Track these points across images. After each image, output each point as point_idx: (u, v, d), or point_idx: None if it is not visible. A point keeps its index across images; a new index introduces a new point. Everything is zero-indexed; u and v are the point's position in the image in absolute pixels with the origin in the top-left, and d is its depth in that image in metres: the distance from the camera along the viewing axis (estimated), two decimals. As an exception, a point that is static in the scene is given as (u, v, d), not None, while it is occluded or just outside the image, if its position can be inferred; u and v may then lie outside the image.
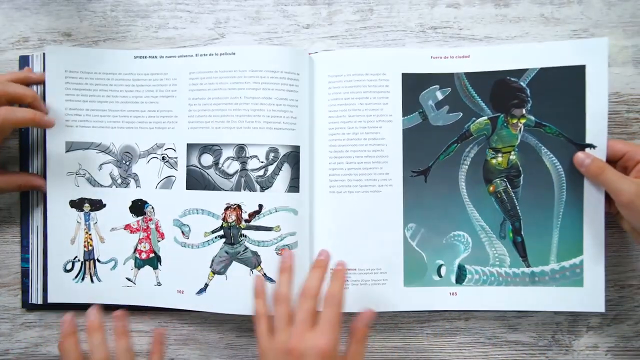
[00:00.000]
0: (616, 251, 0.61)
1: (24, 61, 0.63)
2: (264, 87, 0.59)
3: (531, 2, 0.62)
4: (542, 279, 0.59)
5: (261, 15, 0.63)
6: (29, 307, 0.63)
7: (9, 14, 0.64)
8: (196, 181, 0.60)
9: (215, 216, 0.60)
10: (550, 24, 0.61)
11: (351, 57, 0.60)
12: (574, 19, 0.61)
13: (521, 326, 0.62)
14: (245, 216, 0.59)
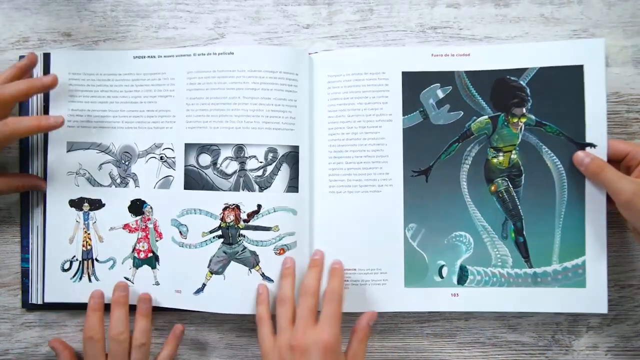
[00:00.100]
0: (616, 251, 0.60)
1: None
2: (263, 87, 0.58)
3: (531, 2, 0.61)
4: (545, 280, 0.58)
5: (261, 15, 0.62)
6: (29, 307, 0.62)
7: (9, 14, 0.63)
8: (194, 181, 0.59)
9: (213, 216, 0.59)
10: (550, 24, 0.61)
11: (351, 57, 0.59)
12: (574, 19, 0.61)
13: (521, 326, 0.61)
14: (243, 216, 0.59)
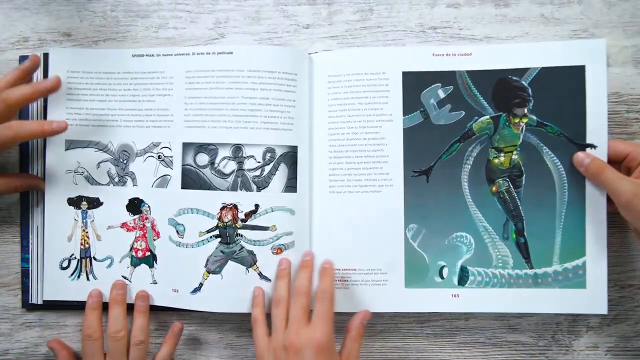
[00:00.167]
0: (616, 251, 0.59)
1: (24, 61, 0.61)
2: (262, 87, 0.57)
3: (531, 2, 0.60)
4: (545, 281, 0.57)
5: (261, 15, 0.62)
6: (29, 307, 0.61)
7: (9, 14, 0.62)
8: (191, 180, 0.59)
9: (210, 216, 0.58)
10: (550, 24, 0.60)
11: (351, 57, 0.58)
12: (574, 19, 0.60)
13: (521, 326, 0.60)
14: (241, 216, 0.58)
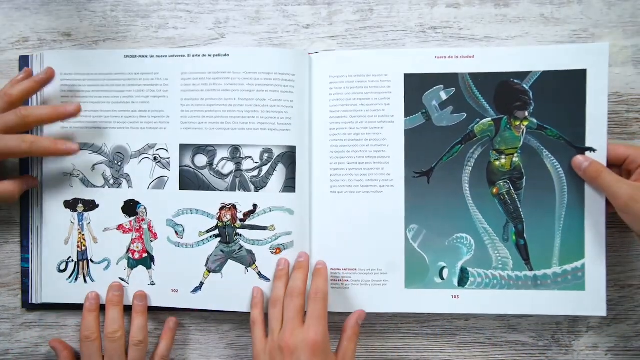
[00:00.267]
0: (616, 251, 0.59)
1: (24, 61, 0.60)
2: (258, 88, 0.57)
3: (531, 2, 0.59)
4: (545, 283, 0.56)
5: (261, 15, 0.61)
6: (29, 307, 0.61)
7: (9, 14, 0.61)
8: (190, 181, 0.58)
9: (210, 216, 0.58)
10: (550, 24, 0.59)
11: (352, 58, 0.58)
12: (574, 19, 0.59)
13: (521, 326, 0.60)
14: (240, 216, 0.58)
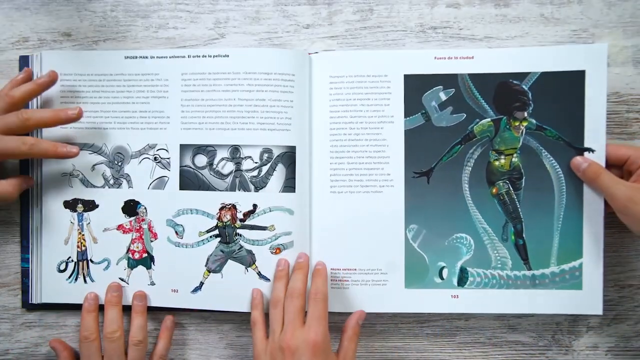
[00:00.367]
0: (616, 251, 0.58)
1: (24, 61, 0.60)
2: (258, 88, 0.56)
3: (531, 2, 0.59)
4: (543, 282, 0.56)
5: (261, 15, 0.60)
6: (29, 307, 0.60)
7: (9, 14, 0.61)
8: (190, 181, 0.58)
9: (210, 216, 0.58)
10: (550, 24, 0.59)
11: (352, 59, 0.57)
12: (574, 19, 0.58)
13: (521, 326, 0.59)
14: (240, 216, 0.57)
